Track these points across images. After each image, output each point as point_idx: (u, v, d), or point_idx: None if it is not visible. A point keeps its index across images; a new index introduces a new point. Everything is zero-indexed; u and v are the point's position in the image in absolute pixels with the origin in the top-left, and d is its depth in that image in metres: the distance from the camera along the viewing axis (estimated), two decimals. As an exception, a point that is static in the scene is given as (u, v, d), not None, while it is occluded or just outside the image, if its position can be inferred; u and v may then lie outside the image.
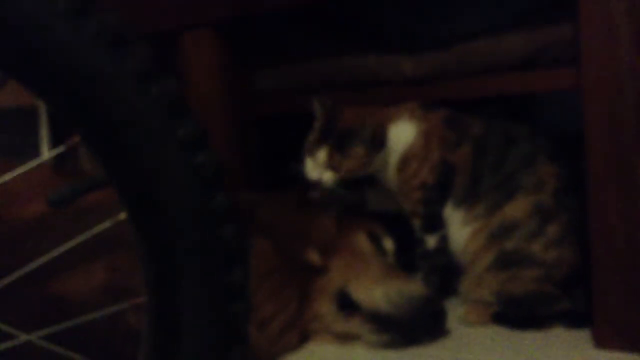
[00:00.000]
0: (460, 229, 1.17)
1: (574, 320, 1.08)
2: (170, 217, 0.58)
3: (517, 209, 1.12)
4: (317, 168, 1.18)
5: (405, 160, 1.20)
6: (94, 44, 0.53)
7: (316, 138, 1.19)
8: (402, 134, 1.20)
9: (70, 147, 0.56)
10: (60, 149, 0.56)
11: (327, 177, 1.18)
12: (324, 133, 1.19)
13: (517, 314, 1.11)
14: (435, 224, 1.20)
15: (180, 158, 0.57)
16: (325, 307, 1.12)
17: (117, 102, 0.55)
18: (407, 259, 1.22)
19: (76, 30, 0.52)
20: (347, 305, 1.11)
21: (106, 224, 0.59)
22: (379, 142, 1.18)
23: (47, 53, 0.52)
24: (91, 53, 0.53)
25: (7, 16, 0.50)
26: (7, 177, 0.55)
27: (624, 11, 0.94)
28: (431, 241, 1.20)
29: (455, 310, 1.16)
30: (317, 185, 1.20)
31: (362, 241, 1.19)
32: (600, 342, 1.00)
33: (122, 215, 0.60)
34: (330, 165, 1.17)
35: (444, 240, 1.20)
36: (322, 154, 1.17)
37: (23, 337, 0.57)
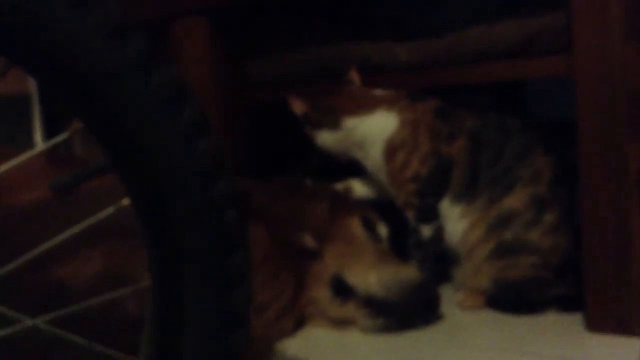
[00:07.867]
0: (457, 221, 1.17)
1: (566, 304, 1.10)
2: (173, 202, 0.58)
3: (515, 200, 1.12)
4: None
5: (391, 150, 1.21)
6: (96, 33, 0.53)
7: None
8: (382, 123, 1.22)
9: (72, 133, 0.56)
10: (63, 135, 0.56)
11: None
12: None
13: (512, 299, 1.13)
14: (431, 214, 1.20)
15: (182, 144, 0.58)
16: (320, 293, 1.13)
17: (119, 89, 0.55)
18: (401, 245, 1.23)
19: (78, 20, 0.52)
20: (342, 290, 1.12)
21: (110, 210, 0.59)
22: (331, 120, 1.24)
23: (51, 42, 0.52)
24: (93, 42, 0.53)
25: (13, 8, 0.50)
26: (4, 167, 0.55)
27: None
28: (427, 231, 1.21)
29: (449, 296, 1.18)
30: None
31: (356, 227, 1.19)
32: (592, 325, 1.01)
33: (125, 201, 0.60)
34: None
35: (440, 230, 1.20)
36: None
37: (28, 322, 0.58)
